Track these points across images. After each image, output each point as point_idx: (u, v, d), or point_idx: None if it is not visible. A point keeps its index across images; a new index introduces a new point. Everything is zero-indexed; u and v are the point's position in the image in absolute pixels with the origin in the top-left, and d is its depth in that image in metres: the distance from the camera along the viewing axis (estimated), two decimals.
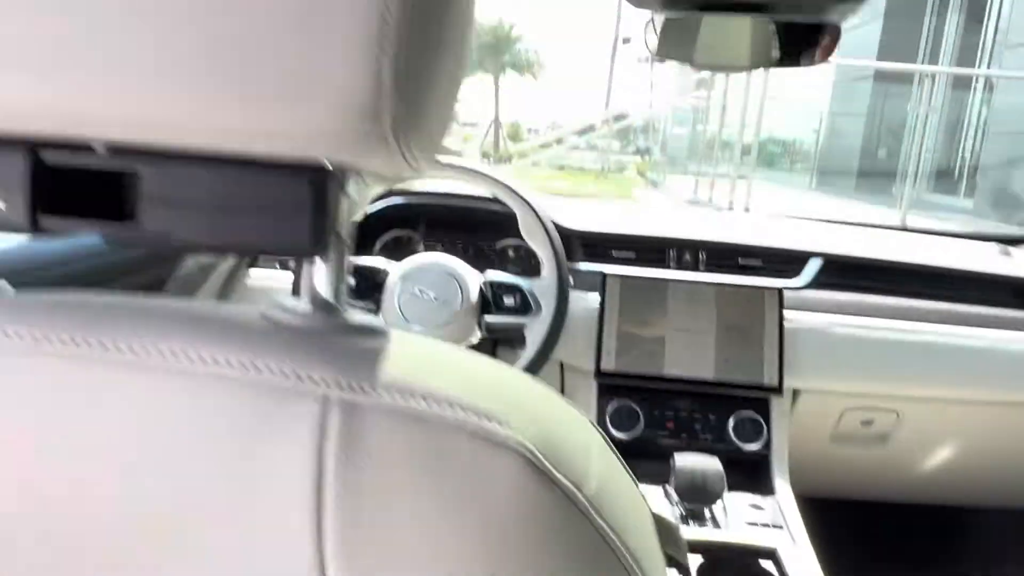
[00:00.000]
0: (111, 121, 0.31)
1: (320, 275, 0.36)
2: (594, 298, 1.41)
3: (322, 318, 0.35)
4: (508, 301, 1.32)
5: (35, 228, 0.34)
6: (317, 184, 0.33)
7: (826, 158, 12.35)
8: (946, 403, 1.45)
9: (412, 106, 0.31)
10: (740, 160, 8.60)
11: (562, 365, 1.44)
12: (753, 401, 1.38)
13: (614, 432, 1.35)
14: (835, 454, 1.54)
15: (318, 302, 0.36)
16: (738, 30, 1.31)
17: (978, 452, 1.54)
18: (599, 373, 1.37)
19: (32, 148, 0.33)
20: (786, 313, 1.40)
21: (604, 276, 1.41)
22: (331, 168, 0.33)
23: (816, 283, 1.47)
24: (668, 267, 1.48)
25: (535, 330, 1.29)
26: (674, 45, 1.21)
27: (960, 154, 9.47)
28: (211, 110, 0.30)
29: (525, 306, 1.31)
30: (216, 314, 0.34)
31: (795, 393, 1.42)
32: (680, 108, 9.45)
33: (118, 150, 0.33)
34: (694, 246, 1.49)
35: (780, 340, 1.38)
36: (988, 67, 8.81)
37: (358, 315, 0.36)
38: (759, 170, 8.05)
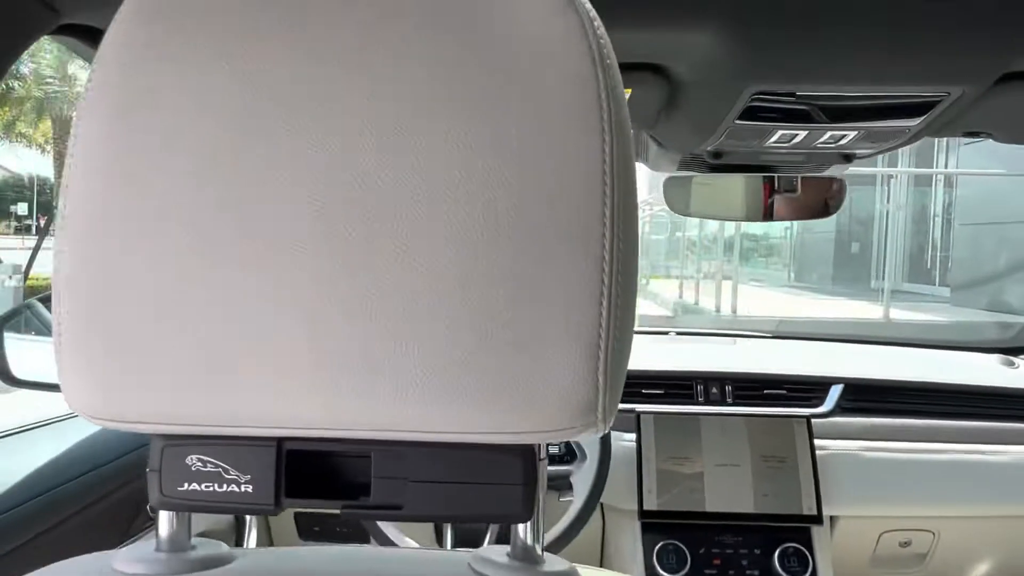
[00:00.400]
0: (354, 423, 0.36)
1: (525, 531, 0.41)
2: (629, 437, 1.45)
3: (524, 567, 0.40)
4: (552, 450, 1.35)
5: (278, 508, 0.39)
6: (527, 460, 0.38)
7: (800, 254, 12.72)
8: (982, 520, 1.48)
9: (615, 389, 0.36)
10: (723, 258, 8.83)
11: (602, 506, 1.46)
12: (794, 531, 1.40)
13: (663, 573, 1.37)
14: None
15: (519, 553, 0.41)
16: (732, 186, 1.42)
17: (1014, 565, 1.57)
18: (643, 513, 1.40)
19: (279, 443, 0.38)
20: (816, 441, 1.45)
21: (638, 415, 1.46)
22: (536, 444, 0.39)
23: (839, 408, 1.53)
24: (697, 402, 1.54)
25: (582, 478, 1.33)
26: (675, 199, 1.32)
27: (930, 245, 9.81)
28: (449, 415, 0.35)
29: (570, 454, 1.35)
30: (425, 560, 0.39)
31: (832, 520, 1.45)
32: (658, 215, 9.84)
33: (353, 440, 0.38)
34: (720, 379, 1.55)
35: (814, 468, 1.42)
36: (946, 163, 9.28)
37: (556, 562, 0.40)
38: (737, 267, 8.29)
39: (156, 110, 0.35)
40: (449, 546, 1.31)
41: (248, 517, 1.40)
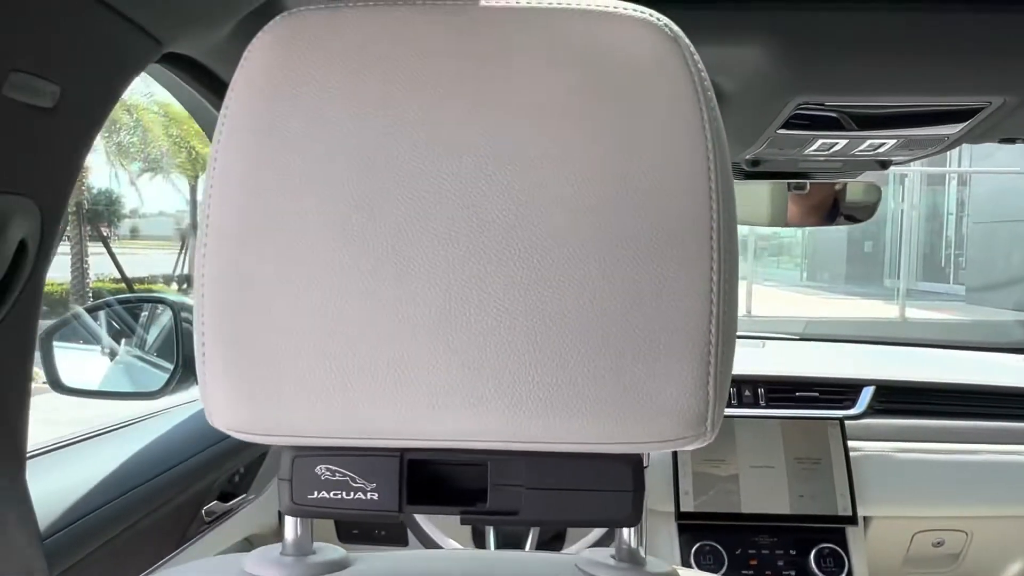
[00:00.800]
0: (473, 435, 0.38)
1: (630, 534, 0.44)
2: None
3: (630, 568, 0.42)
4: None
5: (401, 513, 0.41)
6: (636, 467, 0.41)
7: (813, 253, 12.69)
8: (1014, 520, 1.49)
9: (722, 400, 0.39)
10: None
11: None
12: (829, 532, 1.42)
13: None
14: None
15: (625, 555, 0.43)
16: (757, 191, 1.44)
17: None
18: (680, 515, 1.42)
19: (402, 453, 0.41)
20: (848, 442, 1.47)
21: None
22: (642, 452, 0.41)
23: (871, 410, 1.55)
24: (730, 404, 1.56)
25: None
26: None
27: (944, 243, 9.77)
28: (564, 426, 0.37)
29: None
30: (533, 561, 0.41)
31: (866, 520, 1.47)
32: None
33: (470, 451, 0.41)
34: (753, 382, 1.57)
35: (848, 469, 1.44)
36: (959, 162, 9.25)
37: (658, 564, 0.43)
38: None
39: (290, 136, 0.37)
40: (492, 547, 1.33)
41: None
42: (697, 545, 1.41)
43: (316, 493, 0.41)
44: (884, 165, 1.18)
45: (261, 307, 0.37)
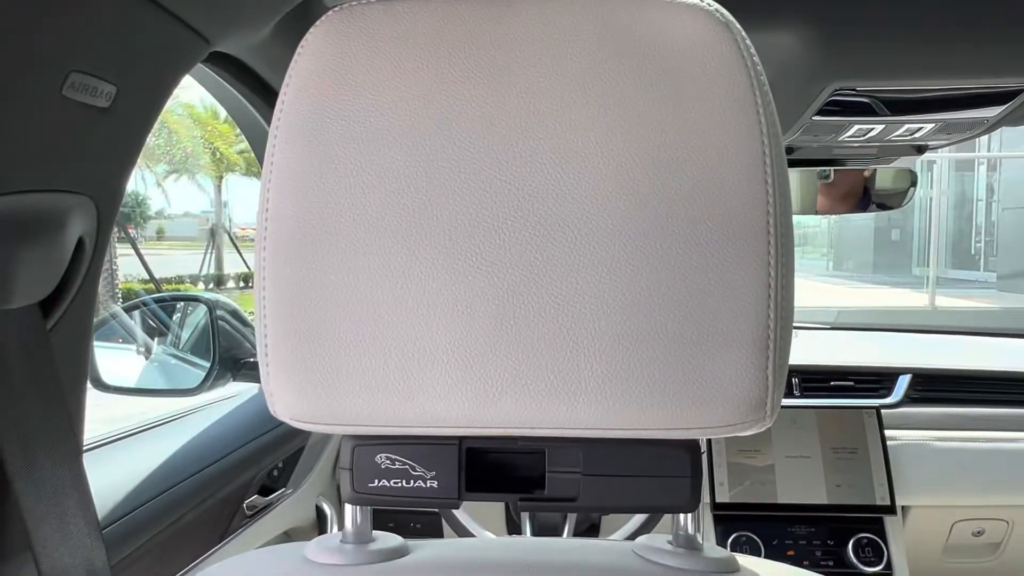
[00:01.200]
0: (531, 423, 0.39)
1: (686, 520, 0.44)
2: None
3: (688, 554, 0.42)
4: None
5: (460, 501, 0.42)
6: (693, 453, 0.41)
7: (839, 242, 12.55)
8: None
9: (781, 386, 0.39)
10: None
11: None
12: (867, 522, 1.41)
13: None
14: (948, 567, 1.55)
15: (682, 541, 0.43)
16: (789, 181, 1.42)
17: None
18: (715, 506, 1.41)
19: (461, 441, 0.41)
20: (885, 431, 1.46)
21: None
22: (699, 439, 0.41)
23: (908, 398, 1.53)
24: None
25: None
26: None
27: (973, 230, 9.62)
28: (623, 413, 0.38)
29: None
30: (590, 549, 0.41)
31: (904, 510, 1.46)
32: None
33: (528, 438, 0.41)
34: (788, 371, 1.56)
35: (886, 458, 1.42)
36: (988, 147, 9.09)
37: (715, 550, 0.43)
38: None
39: (346, 128, 0.38)
40: (529, 535, 1.33)
41: (328, 513, 1.45)
42: (733, 536, 1.40)
43: (376, 482, 0.41)
44: (920, 150, 1.17)
45: (322, 299, 0.38)
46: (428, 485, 0.41)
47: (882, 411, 1.48)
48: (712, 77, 0.37)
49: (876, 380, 1.55)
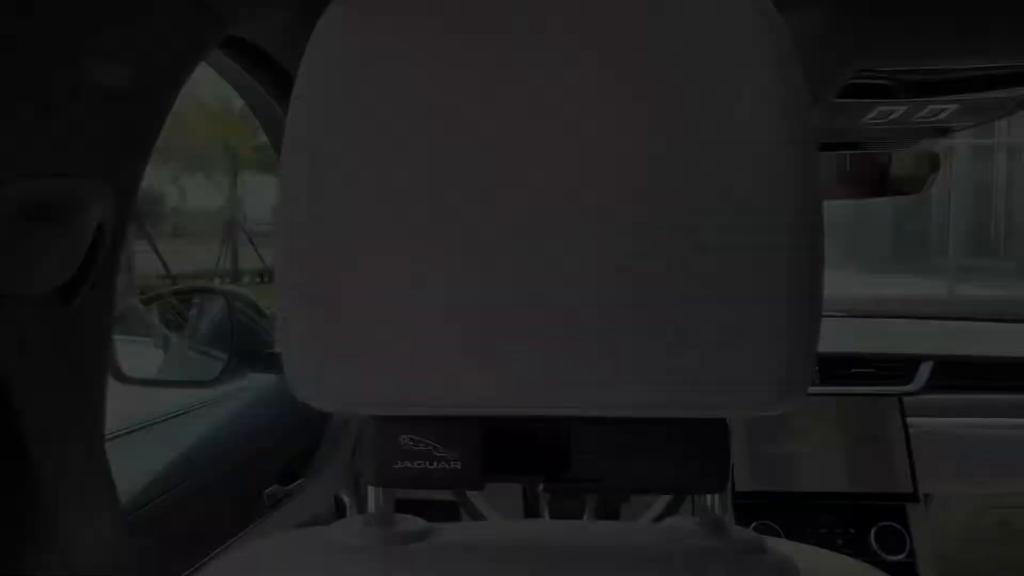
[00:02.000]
0: (556, 402, 0.38)
1: (713, 501, 0.43)
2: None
3: (715, 535, 0.42)
4: None
5: (483, 483, 0.41)
6: (721, 433, 0.40)
7: (855, 231, 12.43)
8: None
9: (809, 366, 0.38)
10: None
11: None
12: (890, 510, 1.39)
13: None
14: (971, 555, 1.53)
15: (709, 522, 0.43)
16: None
17: None
18: (735, 494, 1.40)
19: (483, 421, 0.41)
20: (908, 419, 1.44)
21: None
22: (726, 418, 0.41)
23: (929, 385, 1.51)
24: None
25: None
26: None
27: (992, 218, 9.51)
28: (650, 392, 0.37)
29: None
30: (619, 529, 0.41)
31: (927, 498, 1.44)
32: None
33: (552, 418, 0.41)
34: None
35: (908, 446, 1.41)
36: (1008, 132, 8.96)
37: (742, 531, 0.42)
38: None
39: (366, 106, 0.37)
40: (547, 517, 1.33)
41: (347, 503, 1.45)
42: (754, 524, 1.39)
43: (400, 463, 0.41)
44: (943, 132, 1.15)
45: (342, 281, 0.38)
46: (452, 467, 0.41)
47: (904, 398, 1.46)
48: (741, 54, 0.36)
49: (897, 367, 1.54)
